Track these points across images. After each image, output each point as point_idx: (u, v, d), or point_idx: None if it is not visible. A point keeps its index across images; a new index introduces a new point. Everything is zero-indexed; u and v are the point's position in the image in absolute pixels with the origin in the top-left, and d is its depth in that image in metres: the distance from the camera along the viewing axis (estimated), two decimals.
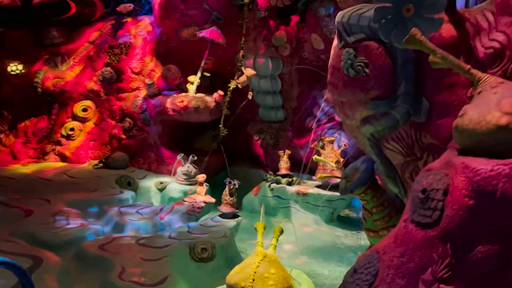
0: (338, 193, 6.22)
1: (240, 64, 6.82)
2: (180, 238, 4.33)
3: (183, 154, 6.97)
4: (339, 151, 6.32)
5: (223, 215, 5.30)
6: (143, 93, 7.62)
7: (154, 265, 3.67)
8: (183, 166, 6.91)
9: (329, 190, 6.24)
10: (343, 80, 2.77)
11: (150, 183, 7.04)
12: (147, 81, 7.40)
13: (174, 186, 6.89)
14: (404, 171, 2.82)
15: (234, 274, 3.01)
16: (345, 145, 6.35)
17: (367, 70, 2.58)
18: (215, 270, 4.17)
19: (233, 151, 7.97)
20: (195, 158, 6.92)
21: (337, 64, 2.81)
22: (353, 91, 2.72)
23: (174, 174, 6.91)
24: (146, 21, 7.80)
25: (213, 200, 5.78)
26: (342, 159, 6.30)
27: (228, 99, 6.99)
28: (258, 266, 2.96)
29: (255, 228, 3.58)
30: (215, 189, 6.44)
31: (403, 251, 1.95)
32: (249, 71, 6.83)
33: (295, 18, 7.41)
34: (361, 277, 2.08)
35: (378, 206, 3.29)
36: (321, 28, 6.91)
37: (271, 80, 7.65)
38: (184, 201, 5.68)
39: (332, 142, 6.36)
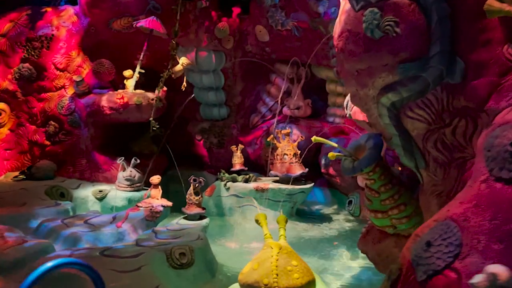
0: (298, 187, 6.04)
1: (174, 52, 6.28)
2: (151, 245, 3.75)
3: (123, 158, 6.26)
4: (296, 143, 6.14)
5: (189, 217, 4.78)
6: (70, 92, 6.73)
7: (135, 276, 3.09)
8: (124, 171, 6.20)
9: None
10: (364, 44, 2.54)
11: (87, 192, 6.21)
12: (75, 78, 6.55)
13: (116, 194, 6.16)
14: (426, 141, 2.66)
15: (251, 271, 2.60)
16: (301, 137, 6.18)
17: (397, 30, 2.37)
18: (196, 276, 3.70)
19: (174, 153, 7.40)
20: (138, 161, 6.26)
21: (355, 28, 2.57)
22: (377, 55, 2.50)
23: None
24: (70, 11, 6.92)
25: (170, 203, 5.22)
26: (299, 152, 6.13)
27: (161, 89, 6.41)
28: (277, 260, 2.60)
29: (257, 221, 3.20)
30: None
31: (494, 213, 1.75)
32: (184, 60, 6.34)
33: (236, 10, 7.12)
34: (440, 249, 1.84)
35: (387, 184, 3.12)
36: (266, 19, 6.71)
37: (214, 75, 7.25)
38: (139, 206, 5.03)
39: (288, 134, 6.15)
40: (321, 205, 7.04)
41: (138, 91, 6.47)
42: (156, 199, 5.13)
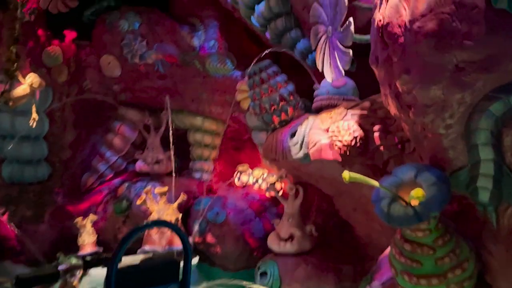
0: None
1: (14, 67, 4.07)
2: None
3: None
4: (176, 205, 4.65)
5: None
6: None
7: None
8: None
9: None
10: (488, 22, 1.75)
11: None
12: None
13: None
14: None
15: None
16: (183, 195, 4.73)
17: None
18: None
19: None
20: None
21: None
22: None
23: None
24: None
25: None
26: (180, 215, 4.66)
27: None
28: None
29: None
30: None
31: None
32: (34, 78, 4.24)
33: (70, 34, 5.36)
34: None
35: (445, 234, 2.29)
36: (119, 48, 5.20)
37: None
38: None
39: (165, 193, 4.62)
40: None
41: None
42: None
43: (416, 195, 1.93)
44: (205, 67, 5.15)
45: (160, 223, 2.18)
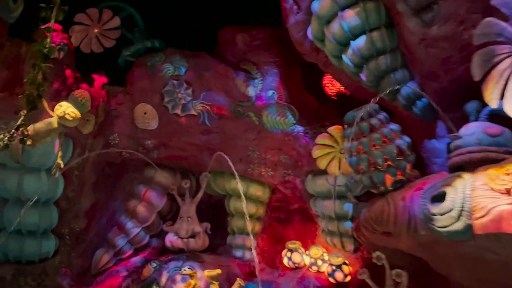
0: None
1: (39, 91, 2.83)
2: None
3: None
4: None
5: None
6: None
7: None
8: None
9: None
10: None
11: None
12: None
13: None
14: None
15: None
16: (240, 281, 3.60)
17: None
18: None
19: None
20: None
21: None
22: None
23: None
24: None
25: None
26: None
27: None
28: None
29: None
30: None
31: None
32: (67, 108, 3.25)
33: (100, 79, 4.53)
34: None
35: None
36: (159, 96, 4.37)
37: (47, 178, 4.08)
38: None
39: (216, 278, 3.51)
40: None
41: None
42: None
43: None
44: (262, 120, 4.34)
45: None
